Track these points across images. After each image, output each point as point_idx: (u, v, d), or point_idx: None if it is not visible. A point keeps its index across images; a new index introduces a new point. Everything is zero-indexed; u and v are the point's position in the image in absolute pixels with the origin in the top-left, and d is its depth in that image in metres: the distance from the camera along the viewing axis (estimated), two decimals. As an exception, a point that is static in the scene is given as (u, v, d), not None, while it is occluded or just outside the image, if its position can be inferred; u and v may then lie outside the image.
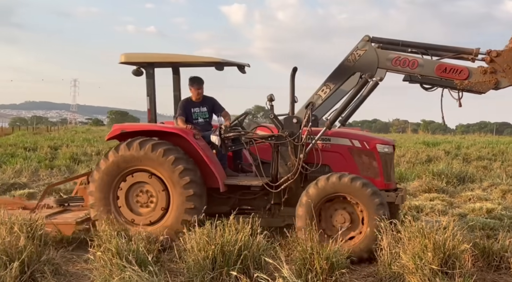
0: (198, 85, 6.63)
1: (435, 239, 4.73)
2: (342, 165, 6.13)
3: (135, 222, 5.97)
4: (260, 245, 4.77)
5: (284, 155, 6.14)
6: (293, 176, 6.02)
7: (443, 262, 4.64)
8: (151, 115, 6.56)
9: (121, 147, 5.93)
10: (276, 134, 6.16)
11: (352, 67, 6.17)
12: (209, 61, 6.39)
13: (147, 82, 6.48)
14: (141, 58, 6.49)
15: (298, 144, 6.02)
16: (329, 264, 4.50)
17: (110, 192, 6.04)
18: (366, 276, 5.14)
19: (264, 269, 4.56)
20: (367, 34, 6.09)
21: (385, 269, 4.96)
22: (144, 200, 6.07)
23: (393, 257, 4.96)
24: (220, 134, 6.25)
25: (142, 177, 6.01)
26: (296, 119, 6.11)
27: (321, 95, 6.30)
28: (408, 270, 4.55)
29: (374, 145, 6.28)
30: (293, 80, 6.23)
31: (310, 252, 4.58)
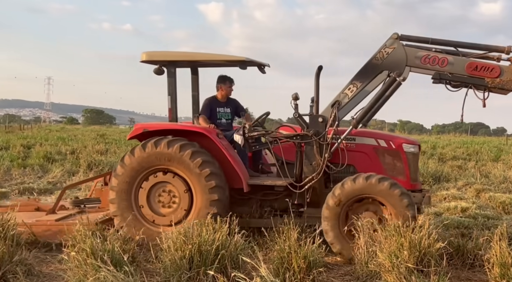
0: (230, 83, 6.70)
1: (411, 238, 4.80)
2: (367, 165, 6.08)
3: (156, 222, 5.88)
4: (238, 245, 4.76)
5: (309, 155, 6.05)
6: (317, 176, 5.94)
7: (419, 260, 4.71)
8: (172, 115, 6.46)
9: (148, 145, 5.81)
10: (301, 133, 6.09)
11: (380, 65, 6.01)
12: (234, 60, 6.31)
13: (168, 81, 6.40)
14: (163, 56, 6.37)
15: (323, 143, 5.94)
16: (306, 263, 4.52)
17: (132, 191, 5.95)
18: (343, 274, 5.18)
19: (241, 268, 4.54)
20: (395, 32, 5.95)
21: (362, 267, 5.02)
22: (166, 200, 5.97)
23: (370, 255, 5.02)
24: (244, 133, 6.21)
25: (165, 176, 5.92)
26: (322, 118, 6.03)
27: (347, 94, 6.10)
28: (385, 269, 4.61)
29: (400, 145, 6.24)
30: (317, 79, 6.12)
31: (288, 251, 4.59)
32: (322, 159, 5.92)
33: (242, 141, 6.15)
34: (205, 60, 6.62)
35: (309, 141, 6.00)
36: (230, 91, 6.75)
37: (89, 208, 6.98)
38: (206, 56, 6.53)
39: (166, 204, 5.96)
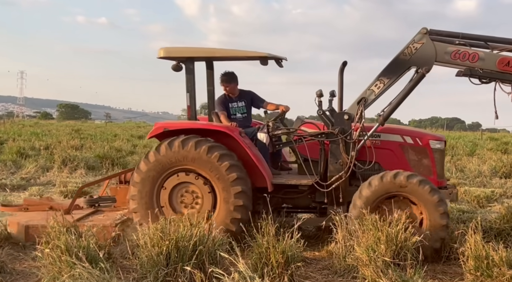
0: (226, 83, 6.66)
1: (388, 232, 4.86)
2: (393, 162, 6.03)
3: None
4: (216, 240, 4.75)
5: (335, 153, 5.96)
6: (345, 175, 5.88)
7: (395, 254, 4.78)
8: (191, 112, 6.33)
9: (174, 144, 5.71)
10: (326, 131, 6.01)
11: (408, 61, 5.89)
12: (255, 56, 6.20)
13: (187, 77, 6.25)
14: (182, 52, 6.26)
15: (350, 141, 5.88)
16: (285, 258, 4.53)
17: (154, 189, 5.84)
18: (321, 269, 5.22)
19: (219, 264, 4.54)
20: (424, 27, 5.84)
21: (340, 261, 5.07)
22: (189, 201, 5.88)
23: (348, 250, 5.07)
24: (268, 131, 6.16)
25: (188, 177, 5.83)
26: (348, 116, 5.96)
27: (374, 90, 5.98)
28: (362, 262, 4.65)
29: (427, 141, 6.21)
30: (341, 75, 6.02)
31: (266, 246, 4.60)
32: (349, 157, 5.85)
33: (267, 139, 6.12)
34: (227, 56, 6.52)
35: (335, 139, 5.93)
36: (232, 89, 6.71)
37: (103, 207, 6.91)
38: (228, 52, 6.44)
39: (189, 204, 5.88)
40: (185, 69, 6.21)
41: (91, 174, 12.26)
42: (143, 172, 5.81)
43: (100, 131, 31.47)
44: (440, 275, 5.08)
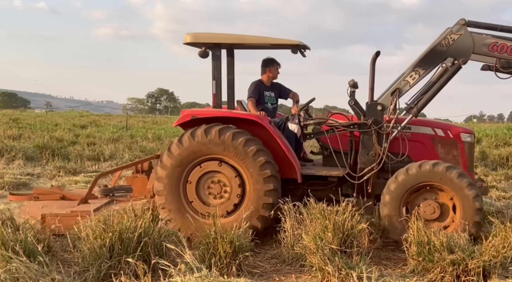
0: (278, 65, 6.65)
1: (335, 220, 4.98)
2: (423, 155, 6.00)
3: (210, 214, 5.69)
4: (162, 231, 4.71)
5: (366, 144, 5.93)
6: (377, 166, 5.85)
7: (342, 242, 4.90)
8: (217, 100, 6.14)
9: (197, 133, 5.59)
10: (359, 122, 5.96)
11: (445, 52, 5.86)
12: (286, 43, 6.09)
13: (213, 64, 6.07)
14: (210, 38, 6.06)
15: (383, 132, 5.85)
16: (233, 248, 4.55)
17: (180, 182, 5.70)
18: (270, 258, 5.28)
19: (166, 255, 4.51)
20: (462, 18, 5.81)
21: (288, 250, 5.15)
22: (217, 191, 5.76)
23: (296, 238, 5.15)
24: (300, 122, 6.05)
25: (212, 166, 5.71)
26: (381, 106, 5.91)
27: (409, 81, 5.96)
28: (310, 251, 4.74)
29: (458, 134, 6.23)
30: (373, 65, 5.94)
31: (213, 236, 4.60)
32: (382, 149, 5.83)
33: (298, 130, 6.06)
34: (256, 43, 6.34)
35: (368, 130, 5.90)
36: (277, 74, 6.76)
37: (118, 197, 6.81)
38: (258, 39, 6.25)
39: (217, 194, 5.77)
40: (211, 55, 6.07)
41: (30, 165, 11.79)
42: (167, 165, 5.68)
43: (40, 121, 30.31)
44: (385, 261, 5.25)
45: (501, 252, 4.57)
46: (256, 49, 6.76)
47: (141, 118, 41.64)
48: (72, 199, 6.62)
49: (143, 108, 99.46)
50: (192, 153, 5.64)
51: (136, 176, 6.78)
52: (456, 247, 4.56)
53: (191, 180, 5.72)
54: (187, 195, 5.72)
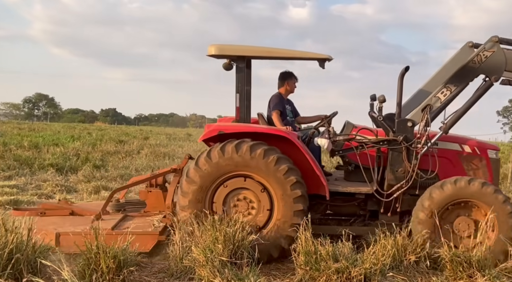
0: (296, 79, 6.75)
1: (226, 232, 5.03)
2: (450, 171, 6.04)
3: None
4: (37, 247, 4.42)
5: (396, 161, 5.92)
6: (406, 184, 5.83)
7: (233, 253, 4.96)
8: (241, 114, 6.07)
9: (227, 149, 5.53)
10: (389, 138, 5.95)
11: (477, 69, 5.96)
12: (315, 57, 6.06)
13: (237, 77, 6.04)
14: (237, 50, 6.02)
15: (414, 149, 5.85)
16: (116, 262, 4.40)
17: (206, 199, 5.63)
18: (157, 272, 5.17)
19: (41, 273, 4.23)
20: (495, 35, 5.88)
21: (177, 263, 5.08)
22: (244, 209, 5.67)
23: (185, 251, 5.11)
24: (330, 137, 5.97)
25: (237, 183, 5.65)
26: (411, 123, 5.92)
27: (440, 98, 6.02)
28: (199, 263, 4.74)
29: (485, 151, 6.28)
30: (401, 80, 5.89)
31: (95, 251, 4.40)
32: (412, 165, 5.83)
33: (328, 145, 5.98)
34: (285, 56, 6.29)
35: (398, 146, 5.90)
36: (294, 88, 6.81)
37: (131, 212, 6.62)
38: (286, 52, 6.20)
39: (245, 212, 5.68)
40: (236, 68, 6.05)
41: None
42: (194, 180, 5.56)
43: None
44: (274, 271, 5.40)
45: (381, 259, 4.93)
46: (284, 60, 6.72)
47: (16, 125, 38.81)
48: (81, 215, 6.48)
49: (19, 114, 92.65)
50: (220, 169, 5.59)
51: (150, 191, 6.62)
52: (341, 256, 4.83)
53: (216, 200, 5.67)
54: (213, 209, 5.67)
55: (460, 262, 4.79)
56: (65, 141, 20.20)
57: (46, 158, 13.80)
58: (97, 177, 11.63)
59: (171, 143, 22.11)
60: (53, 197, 9.56)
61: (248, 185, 5.67)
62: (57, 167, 12.63)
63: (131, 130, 40.33)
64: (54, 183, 10.55)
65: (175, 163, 13.55)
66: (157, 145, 20.25)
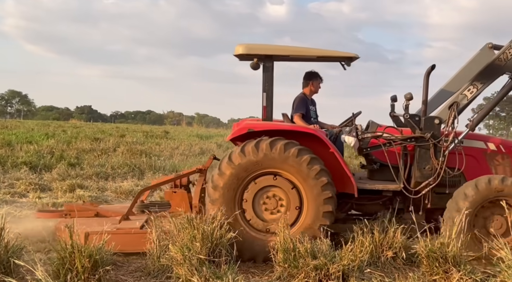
0: (321, 79, 6.80)
1: (204, 229, 5.02)
2: (475, 169, 6.09)
3: (271, 230, 5.61)
4: (9, 247, 4.35)
5: (423, 158, 5.97)
6: (434, 181, 5.89)
7: (211, 251, 4.96)
8: (267, 113, 6.09)
9: (262, 146, 5.57)
10: (416, 136, 6.00)
11: (503, 67, 6.05)
12: (344, 56, 6.09)
13: (264, 76, 6.07)
14: (265, 50, 6.06)
15: (441, 146, 5.90)
16: (92, 262, 4.34)
17: (237, 196, 5.69)
18: (133, 271, 5.14)
19: (14, 272, 4.16)
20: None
21: (154, 262, 5.06)
22: (272, 206, 5.73)
23: (163, 250, 5.09)
24: (357, 135, 6.03)
25: (267, 181, 5.70)
26: (438, 120, 5.97)
27: (467, 95, 6.10)
28: (177, 262, 4.72)
29: (510, 148, 6.33)
30: (427, 79, 5.95)
31: (70, 250, 4.35)
32: (440, 163, 5.88)
33: (355, 143, 6.05)
34: (314, 55, 6.28)
35: (425, 144, 5.95)
36: (318, 89, 6.86)
37: (155, 213, 6.37)
38: (316, 51, 6.19)
39: (272, 210, 5.74)
40: (263, 67, 6.06)
41: None
42: (226, 174, 5.62)
43: None
44: (253, 269, 5.41)
45: (358, 256, 4.98)
46: (313, 61, 6.72)
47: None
48: (106, 216, 6.54)
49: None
50: (252, 165, 5.64)
51: (175, 191, 6.62)
52: (319, 253, 4.86)
53: (246, 198, 5.72)
54: (244, 213, 5.73)
55: (436, 257, 4.87)
56: (39, 138, 19.87)
57: (19, 156, 13.56)
58: (72, 175, 11.49)
59: (148, 141, 21.93)
60: (27, 196, 9.41)
61: (279, 183, 5.74)
62: (31, 165, 12.44)
63: (107, 127, 39.87)
64: (27, 181, 10.37)
65: (151, 161, 13.46)
66: (133, 142, 20.05)
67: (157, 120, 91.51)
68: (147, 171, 12.51)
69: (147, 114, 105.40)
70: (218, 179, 5.65)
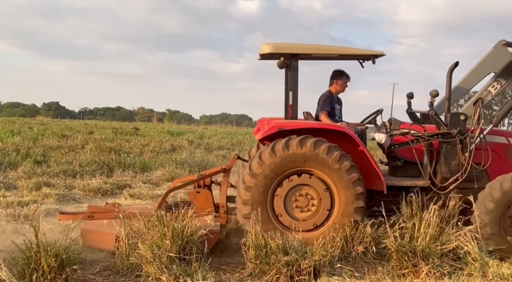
0: (347, 78, 6.79)
1: (174, 227, 4.99)
2: (497, 164, 6.16)
3: (297, 228, 5.62)
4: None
5: (449, 154, 6.05)
6: (462, 176, 5.96)
7: (181, 249, 4.94)
8: (294, 112, 6.19)
9: (292, 144, 5.66)
10: (443, 132, 6.07)
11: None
12: (370, 54, 6.19)
13: (291, 75, 6.15)
14: (292, 48, 6.14)
15: (468, 142, 5.98)
16: (58, 261, 4.28)
17: (268, 194, 5.76)
18: (102, 270, 5.06)
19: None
20: None
21: (123, 261, 5.01)
22: (304, 204, 5.81)
23: (132, 248, 5.04)
24: (387, 131, 6.11)
25: (301, 179, 5.78)
26: (464, 116, 6.03)
27: (491, 91, 6.30)
28: (146, 260, 4.68)
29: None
30: (450, 76, 6.04)
31: (35, 250, 4.27)
32: (467, 158, 5.96)
33: (386, 140, 6.17)
34: (340, 54, 6.34)
35: (452, 140, 6.02)
36: (344, 88, 6.85)
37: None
38: (343, 50, 6.28)
39: (304, 208, 5.82)
40: (289, 66, 6.15)
41: None
42: (257, 174, 5.69)
43: None
44: (224, 266, 5.41)
45: (330, 251, 5.05)
46: (338, 60, 6.77)
47: None
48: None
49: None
50: (283, 163, 5.71)
51: (199, 191, 6.63)
52: (291, 249, 4.90)
53: (279, 194, 5.78)
54: (274, 208, 5.79)
55: (406, 252, 4.96)
56: (3, 136, 19.39)
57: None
58: (39, 173, 11.24)
59: (117, 138, 21.64)
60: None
61: (312, 182, 5.81)
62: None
63: (75, 124, 39.20)
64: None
65: (121, 158, 13.27)
66: (102, 139, 19.76)
67: (127, 116, 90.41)
68: (116, 169, 12.35)
69: (117, 111, 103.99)
70: (250, 179, 5.72)
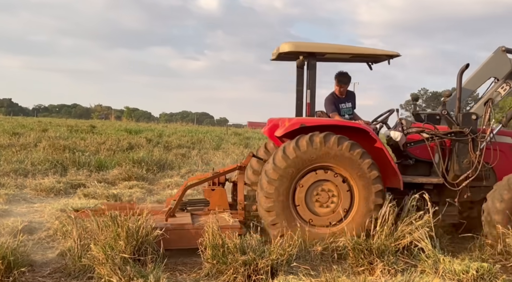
0: (344, 84, 6.94)
1: (128, 227, 4.91)
2: (504, 163, 6.38)
3: (313, 223, 5.89)
4: None
5: (462, 153, 6.24)
6: (473, 174, 6.16)
7: (136, 250, 4.87)
8: (311, 110, 6.33)
9: (315, 140, 5.79)
10: (456, 131, 6.25)
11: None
12: (387, 54, 6.34)
13: (309, 74, 6.28)
14: (313, 48, 6.25)
15: (480, 141, 6.18)
16: (5, 263, 4.15)
17: (291, 187, 5.87)
18: (52, 272, 4.93)
19: None
20: None
21: (75, 262, 4.90)
22: (324, 200, 5.94)
23: (84, 249, 4.95)
24: (403, 129, 6.27)
25: (326, 174, 5.93)
26: (475, 116, 6.25)
27: (500, 92, 6.54)
28: (98, 261, 4.59)
29: None
30: (461, 76, 6.25)
31: (-19, 252, 4.12)
32: (478, 157, 6.16)
33: (402, 138, 6.36)
34: (359, 53, 6.47)
35: (464, 138, 6.22)
36: (339, 90, 7.00)
37: (193, 210, 6.65)
38: (361, 50, 6.43)
39: (324, 203, 5.95)
40: (307, 65, 6.30)
41: None
42: (281, 168, 5.80)
43: None
44: (181, 266, 5.35)
45: (287, 250, 5.06)
46: (355, 61, 6.93)
47: None
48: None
49: None
50: (307, 158, 5.83)
51: (213, 189, 6.71)
52: (248, 248, 4.90)
53: (303, 184, 5.92)
54: (294, 199, 5.92)
55: (362, 249, 5.06)
56: (-50, 133, 18.65)
57: None
58: (-13, 172, 10.87)
59: (72, 136, 21.15)
60: None
61: (335, 179, 5.94)
62: None
63: (29, 121, 38.11)
64: None
65: (75, 156, 12.97)
66: (56, 137, 19.27)
67: (83, 114, 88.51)
68: (70, 167, 12.06)
69: (73, 108, 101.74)
70: (273, 173, 5.84)
